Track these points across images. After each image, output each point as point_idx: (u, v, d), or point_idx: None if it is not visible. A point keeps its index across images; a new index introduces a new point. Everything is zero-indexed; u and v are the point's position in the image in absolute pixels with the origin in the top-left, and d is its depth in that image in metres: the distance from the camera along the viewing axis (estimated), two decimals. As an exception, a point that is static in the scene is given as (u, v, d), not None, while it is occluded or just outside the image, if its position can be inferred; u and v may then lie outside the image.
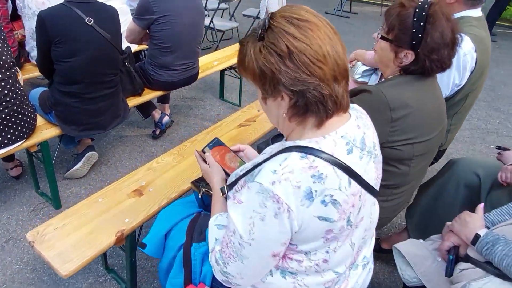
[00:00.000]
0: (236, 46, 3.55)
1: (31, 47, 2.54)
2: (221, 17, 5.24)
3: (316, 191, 0.77)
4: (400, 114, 1.22)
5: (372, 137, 0.91)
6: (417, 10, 1.18)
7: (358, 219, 0.87)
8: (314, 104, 0.78)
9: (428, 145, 1.32)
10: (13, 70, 1.66)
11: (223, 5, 4.65)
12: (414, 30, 1.18)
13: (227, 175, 1.20)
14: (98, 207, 1.51)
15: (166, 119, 2.84)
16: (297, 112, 0.81)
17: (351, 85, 2.53)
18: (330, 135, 0.83)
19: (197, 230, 1.18)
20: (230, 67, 3.25)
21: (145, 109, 2.76)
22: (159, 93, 2.61)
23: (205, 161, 1.22)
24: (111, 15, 2.03)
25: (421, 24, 1.17)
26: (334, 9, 7.52)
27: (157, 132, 2.87)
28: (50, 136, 2.00)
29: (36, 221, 2.10)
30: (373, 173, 0.89)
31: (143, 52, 3.75)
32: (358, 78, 2.46)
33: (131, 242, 1.50)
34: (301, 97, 0.77)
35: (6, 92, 1.62)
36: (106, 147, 2.75)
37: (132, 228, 1.45)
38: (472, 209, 1.62)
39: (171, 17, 2.41)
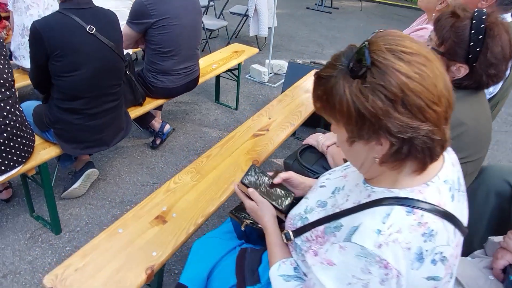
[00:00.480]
0: (231, 47, 3.40)
1: (17, 45, 2.29)
2: (206, 14, 5.04)
3: (426, 250, 0.68)
4: (455, 133, 1.15)
5: (461, 171, 0.83)
6: (474, 21, 1.11)
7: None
8: (420, 150, 0.67)
9: (478, 163, 1.27)
10: (13, 90, 1.46)
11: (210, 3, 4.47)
12: (471, 44, 1.11)
13: (275, 208, 1.10)
14: (119, 240, 1.36)
15: (167, 127, 2.68)
16: (396, 158, 0.70)
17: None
18: (433, 181, 0.73)
19: (248, 269, 1.06)
20: (228, 70, 3.11)
21: (143, 118, 2.58)
22: (160, 102, 2.44)
23: (248, 196, 1.10)
24: (112, 20, 1.85)
25: (479, 37, 1.10)
26: (316, 4, 7.47)
27: (157, 142, 2.70)
28: (49, 158, 1.80)
29: (35, 249, 1.90)
30: (465, 214, 0.81)
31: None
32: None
33: (159, 277, 1.37)
34: (406, 144, 0.67)
35: (5, 114, 1.42)
36: (102, 161, 2.56)
37: (162, 263, 1.31)
38: (503, 218, 1.60)
39: (170, 20, 2.24)
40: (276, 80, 4.06)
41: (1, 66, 1.41)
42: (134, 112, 2.24)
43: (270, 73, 4.11)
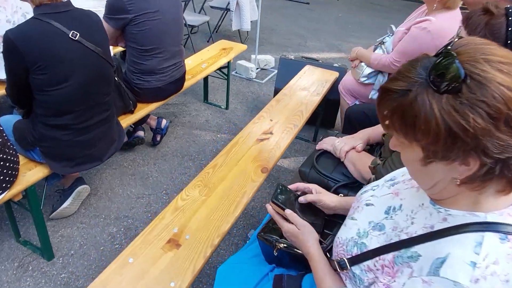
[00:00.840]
0: (219, 44, 3.25)
1: None
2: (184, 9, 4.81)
3: None
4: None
5: None
6: (510, 18, 1.04)
7: None
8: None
9: None
10: (-6, 109, 1.27)
11: (189, -4, 4.27)
12: (509, 42, 1.04)
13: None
14: (131, 271, 1.22)
15: (164, 122, 2.61)
16: (482, 179, 0.62)
17: (356, 86, 2.42)
18: None
19: (288, 300, 0.97)
20: (219, 69, 2.97)
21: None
22: (153, 106, 2.27)
23: (285, 218, 0.99)
24: (96, 22, 1.67)
25: (517, 34, 1.03)
26: (293, -6, 7.36)
27: (158, 139, 2.63)
28: (37, 179, 1.61)
29: (27, 279, 1.72)
30: None
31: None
32: (364, 80, 2.34)
33: (179, 308, 1.24)
34: (499, 163, 0.59)
35: (-15, 136, 1.24)
36: (90, 173, 2.37)
37: (182, 294, 1.19)
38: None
39: (150, 15, 2.07)
40: (263, 75, 3.94)
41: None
42: (126, 121, 2.07)
43: (257, 69, 3.99)
